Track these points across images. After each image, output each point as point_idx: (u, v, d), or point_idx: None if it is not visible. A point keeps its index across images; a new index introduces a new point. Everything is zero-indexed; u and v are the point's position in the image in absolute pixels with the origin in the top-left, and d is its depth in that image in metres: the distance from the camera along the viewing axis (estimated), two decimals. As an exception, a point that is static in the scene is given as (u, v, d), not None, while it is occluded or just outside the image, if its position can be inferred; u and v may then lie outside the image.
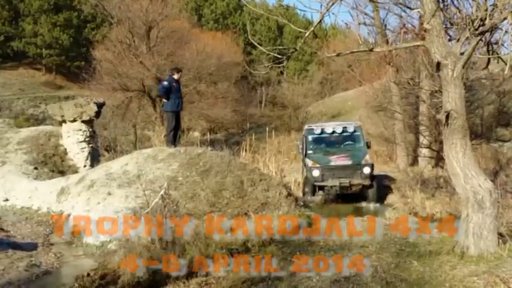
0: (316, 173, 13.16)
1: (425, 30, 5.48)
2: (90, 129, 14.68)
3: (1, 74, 40.20)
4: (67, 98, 28.89)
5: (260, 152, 17.20)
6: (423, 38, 5.80)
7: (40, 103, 31.79)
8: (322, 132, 14.37)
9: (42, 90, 37.54)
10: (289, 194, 11.16)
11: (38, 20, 42.76)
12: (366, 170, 13.11)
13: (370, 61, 21.94)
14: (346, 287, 5.18)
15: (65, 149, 14.65)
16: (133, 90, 28.30)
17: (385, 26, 19.81)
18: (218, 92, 32.12)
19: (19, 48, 43.03)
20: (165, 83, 11.71)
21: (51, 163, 14.11)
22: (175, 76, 11.59)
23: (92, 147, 14.57)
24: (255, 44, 8.26)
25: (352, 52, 7.57)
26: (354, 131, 14.30)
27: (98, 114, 14.78)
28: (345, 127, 14.40)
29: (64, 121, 14.56)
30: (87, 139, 14.47)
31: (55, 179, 12.68)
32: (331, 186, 13.02)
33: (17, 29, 43.32)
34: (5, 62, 43.37)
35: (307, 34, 6.18)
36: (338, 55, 8.02)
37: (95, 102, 14.80)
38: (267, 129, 20.33)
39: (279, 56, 7.23)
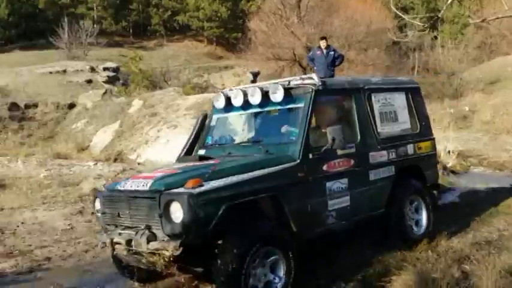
0: (97, 206, 5.13)
1: None
2: (248, 97, 16.27)
3: (170, 47, 44.79)
4: (226, 67, 31.61)
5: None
6: None
7: (203, 73, 35.00)
8: (229, 105, 5.81)
9: (204, 60, 41.03)
10: (436, 162, 11.49)
11: (200, -6, 46.34)
12: (176, 213, 4.16)
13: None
14: (486, 249, 5.42)
15: (226, 115, 16.47)
16: (285, 60, 29.71)
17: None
18: (368, 59, 32.04)
19: (184, 21, 47.29)
20: (310, 52, 12.70)
21: (215, 127, 16.05)
22: (321, 44, 12.18)
23: (248, 113, 16.17)
24: (396, 11, 8.78)
25: (497, 18, 7.67)
26: (290, 101, 5.31)
27: (253, 83, 16.32)
28: (266, 91, 5.36)
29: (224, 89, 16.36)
30: (245, 106, 16.10)
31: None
32: (114, 246, 4.68)
33: (182, 4, 47.50)
34: (172, 35, 48.14)
35: (449, 1, 6.60)
36: (483, 21, 8.16)
37: (250, 72, 16.24)
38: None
39: (419, 24, 7.77)
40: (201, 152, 5.77)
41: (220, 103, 5.84)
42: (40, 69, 26.69)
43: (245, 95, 5.48)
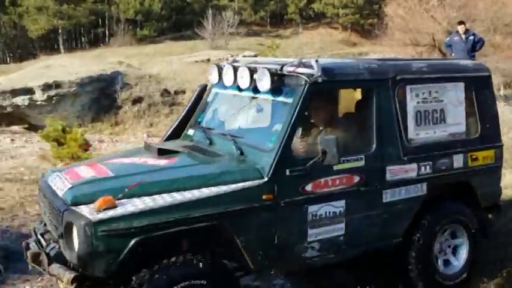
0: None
1: None
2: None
3: (305, 34, 45.62)
4: (360, 54, 31.48)
5: None
6: None
7: (337, 60, 35.35)
8: (221, 82, 4.51)
9: (339, 47, 41.16)
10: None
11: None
12: (75, 240, 3.25)
13: None
14: None
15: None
16: (423, 45, 28.79)
17: None
18: (516, 43, 29.81)
19: (319, 9, 47.71)
20: (447, 38, 12.47)
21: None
22: (459, 29, 11.78)
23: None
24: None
25: None
26: (280, 92, 3.97)
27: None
28: (252, 73, 4.00)
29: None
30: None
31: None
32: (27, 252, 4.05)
33: (320, -8, 47.95)
34: (307, 23, 48.94)
35: None
36: None
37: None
38: None
39: None
40: (190, 131, 4.70)
41: (214, 77, 4.62)
42: (187, 58, 29.13)
43: (236, 73, 4.23)
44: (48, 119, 16.43)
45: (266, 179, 3.63)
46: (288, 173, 3.69)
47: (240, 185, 3.57)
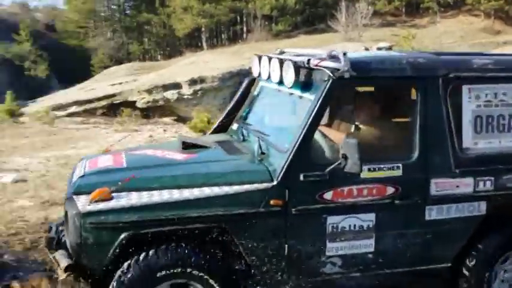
0: None
1: None
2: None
3: (443, 23, 43.63)
4: (505, 43, 29.59)
5: None
6: None
7: (479, 50, 33.37)
8: (260, 78, 4.45)
9: (480, 36, 38.83)
10: None
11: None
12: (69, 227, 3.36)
13: None
14: None
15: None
16: None
17: None
18: None
19: (460, -4, 45.35)
20: None
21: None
22: None
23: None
24: None
25: None
26: (306, 88, 3.64)
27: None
28: (281, 67, 3.79)
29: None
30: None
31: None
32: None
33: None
34: (445, 11, 46.66)
35: None
36: None
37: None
38: None
39: None
40: (235, 126, 4.50)
41: (255, 70, 4.33)
42: (321, 51, 29.78)
43: (265, 68, 4.06)
44: (195, 111, 18.33)
45: (275, 182, 3.35)
46: (302, 177, 3.36)
47: (245, 187, 3.34)
